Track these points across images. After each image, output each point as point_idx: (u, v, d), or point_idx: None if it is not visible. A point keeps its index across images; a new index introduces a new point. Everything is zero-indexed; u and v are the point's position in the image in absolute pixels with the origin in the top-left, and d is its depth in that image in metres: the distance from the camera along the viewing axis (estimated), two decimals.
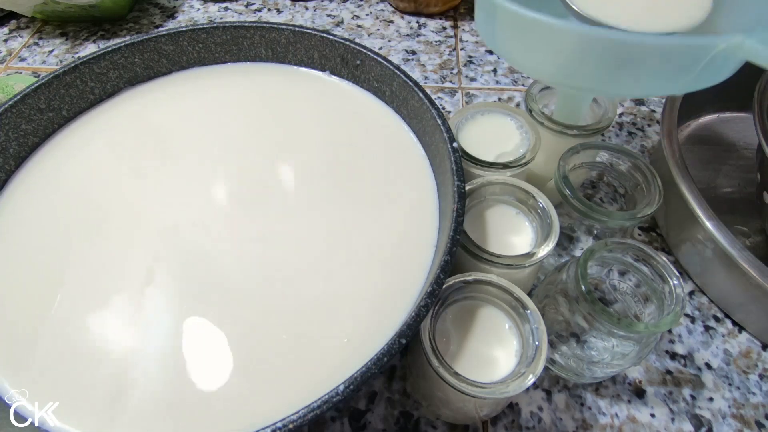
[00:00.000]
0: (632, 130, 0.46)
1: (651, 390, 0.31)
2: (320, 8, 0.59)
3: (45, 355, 0.25)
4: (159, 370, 0.24)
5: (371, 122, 0.35)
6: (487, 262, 0.27)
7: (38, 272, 0.28)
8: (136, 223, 0.30)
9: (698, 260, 0.35)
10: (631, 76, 0.25)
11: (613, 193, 0.41)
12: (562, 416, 0.30)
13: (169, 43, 0.36)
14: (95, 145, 0.34)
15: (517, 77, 0.51)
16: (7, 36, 0.56)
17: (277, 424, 0.19)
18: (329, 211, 0.30)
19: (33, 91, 0.32)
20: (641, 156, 0.32)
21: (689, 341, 0.33)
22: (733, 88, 0.42)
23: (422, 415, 0.30)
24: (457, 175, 0.26)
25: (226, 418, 0.23)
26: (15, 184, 0.32)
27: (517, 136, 0.33)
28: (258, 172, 0.32)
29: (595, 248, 0.26)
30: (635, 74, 0.25)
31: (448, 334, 0.26)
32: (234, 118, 0.36)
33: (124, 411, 0.23)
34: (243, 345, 0.25)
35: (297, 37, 0.37)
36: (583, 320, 0.26)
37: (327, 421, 0.30)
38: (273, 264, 0.28)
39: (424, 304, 0.22)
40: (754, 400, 0.31)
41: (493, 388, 0.23)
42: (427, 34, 0.56)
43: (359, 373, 0.20)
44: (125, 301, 0.26)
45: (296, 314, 0.26)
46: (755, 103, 0.32)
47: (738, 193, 0.41)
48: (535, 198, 0.29)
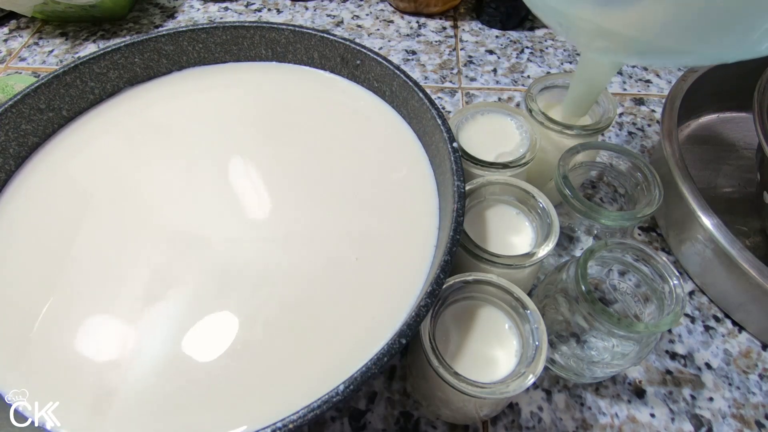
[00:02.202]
0: (632, 130, 0.46)
1: (651, 390, 0.31)
2: (320, 8, 0.59)
3: (46, 355, 0.25)
4: (158, 370, 0.24)
5: (371, 122, 0.35)
6: (487, 262, 0.27)
7: (39, 272, 0.28)
8: (136, 223, 0.30)
9: (698, 260, 0.35)
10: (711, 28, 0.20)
11: (613, 193, 0.41)
12: (562, 416, 0.30)
13: (169, 43, 0.36)
14: (95, 146, 0.34)
15: (517, 77, 0.51)
16: (7, 36, 0.56)
17: (277, 424, 0.19)
18: (329, 210, 0.30)
19: (33, 91, 0.32)
20: (641, 156, 0.32)
21: (689, 341, 0.33)
22: (733, 88, 0.43)
23: (422, 415, 0.30)
24: (457, 175, 0.26)
25: (227, 417, 0.23)
26: (16, 185, 0.32)
27: (517, 136, 0.33)
28: (258, 171, 0.32)
29: (595, 248, 0.26)
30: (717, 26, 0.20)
31: (448, 334, 0.26)
32: (234, 118, 0.36)
33: (124, 411, 0.23)
34: (242, 345, 0.25)
35: (297, 37, 0.37)
36: (583, 320, 0.26)
37: (327, 421, 0.30)
38: (272, 263, 0.28)
39: (424, 304, 0.22)
40: (754, 400, 0.31)
41: (493, 388, 0.23)
42: (427, 34, 0.56)
43: (359, 373, 0.20)
44: (125, 300, 0.26)
45: (295, 314, 0.26)
46: (755, 103, 0.32)
47: (738, 193, 0.41)
48: (535, 198, 0.29)
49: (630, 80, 0.51)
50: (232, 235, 0.29)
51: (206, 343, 0.25)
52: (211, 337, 0.25)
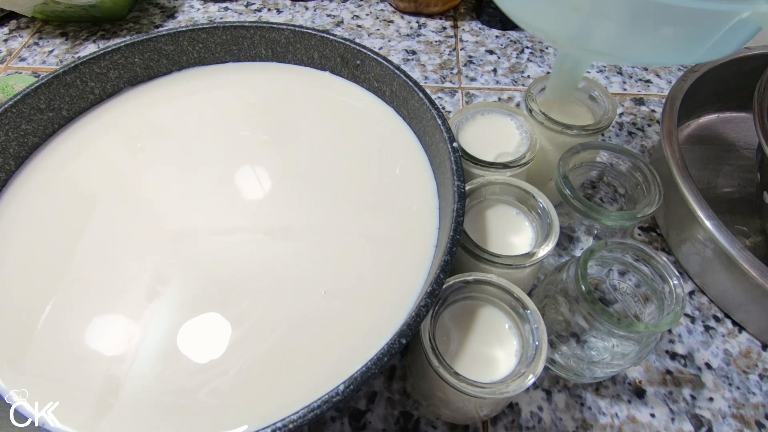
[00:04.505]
0: (632, 130, 0.46)
1: (651, 390, 0.31)
2: (320, 8, 0.59)
3: (46, 355, 0.25)
4: (159, 370, 0.24)
5: (371, 122, 0.35)
6: (487, 262, 0.27)
7: (40, 272, 0.28)
8: (137, 222, 0.30)
9: (698, 260, 0.35)
10: (646, 38, 0.24)
11: (613, 193, 0.41)
12: (562, 416, 0.30)
13: (169, 43, 0.36)
14: (95, 146, 0.34)
15: (517, 77, 0.51)
16: (7, 36, 0.56)
17: (276, 424, 0.19)
18: (329, 210, 0.30)
19: (33, 91, 0.32)
20: (641, 156, 0.32)
21: (689, 341, 0.33)
22: (733, 88, 0.43)
23: (422, 415, 0.30)
24: (457, 175, 0.26)
25: (227, 417, 0.23)
26: (16, 185, 0.32)
27: (517, 136, 0.33)
28: (257, 172, 0.32)
29: (595, 248, 0.26)
30: (652, 37, 0.24)
31: (448, 334, 0.26)
32: (234, 117, 0.36)
33: (126, 410, 0.23)
34: (242, 345, 0.25)
35: (297, 37, 0.37)
36: (583, 320, 0.26)
37: (327, 421, 0.30)
38: (272, 263, 0.28)
39: (424, 304, 0.22)
40: (754, 400, 0.31)
41: (493, 388, 0.23)
42: (427, 34, 0.56)
43: (359, 372, 0.20)
44: (125, 299, 0.26)
45: (295, 314, 0.26)
46: (755, 103, 0.32)
47: (738, 193, 0.41)
48: (535, 198, 0.29)
49: (630, 80, 0.51)
50: (233, 235, 0.29)
51: (206, 343, 0.25)
52: (211, 337, 0.25)
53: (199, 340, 0.25)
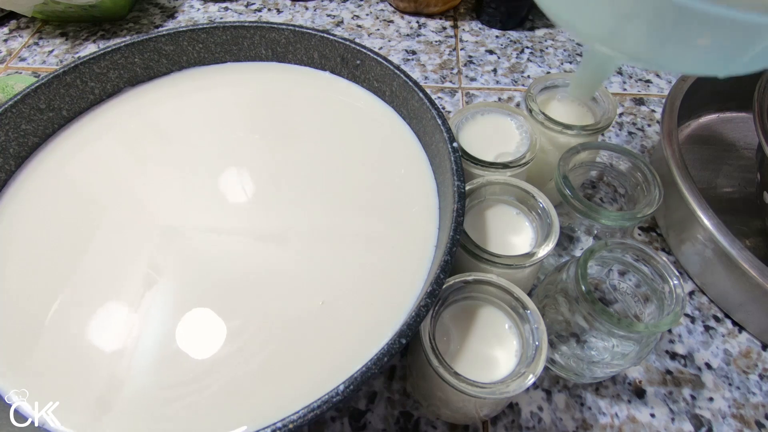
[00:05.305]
0: (632, 130, 0.46)
1: (651, 390, 0.31)
2: (320, 8, 0.59)
3: (46, 354, 0.25)
4: (158, 370, 0.24)
5: (371, 122, 0.35)
6: (487, 262, 0.27)
7: (39, 272, 0.28)
8: (137, 222, 0.30)
9: (698, 260, 0.35)
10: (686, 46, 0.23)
11: (613, 193, 0.41)
12: (562, 416, 0.30)
13: (169, 43, 0.36)
14: (96, 146, 0.34)
15: (517, 77, 0.51)
16: (7, 36, 0.56)
17: (276, 424, 0.19)
18: (329, 210, 0.30)
19: (33, 91, 0.32)
20: (641, 156, 0.32)
21: (689, 341, 0.33)
22: (733, 88, 0.42)
23: (422, 415, 0.30)
24: (457, 175, 0.26)
25: (227, 417, 0.23)
26: (16, 185, 0.32)
27: (517, 136, 0.33)
28: (258, 171, 0.33)
29: (595, 248, 0.26)
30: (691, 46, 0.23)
31: (448, 334, 0.26)
32: (234, 117, 0.36)
33: (125, 411, 0.23)
34: (242, 345, 0.25)
35: (297, 37, 0.37)
36: (583, 320, 0.26)
37: (327, 421, 0.30)
38: (273, 263, 0.28)
39: (424, 304, 0.22)
40: (754, 400, 0.31)
41: (493, 388, 0.23)
42: (427, 34, 0.56)
43: (359, 373, 0.20)
44: (126, 299, 0.26)
45: (296, 313, 0.26)
46: (755, 103, 0.32)
47: (738, 193, 0.41)
48: (535, 198, 0.29)
49: (630, 80, 0.51)
50: (233, 235, 0.29)
51: (206, 343, 0.25)
52: (211, 337, 0.25)
53: (199, 341, 0.25)
